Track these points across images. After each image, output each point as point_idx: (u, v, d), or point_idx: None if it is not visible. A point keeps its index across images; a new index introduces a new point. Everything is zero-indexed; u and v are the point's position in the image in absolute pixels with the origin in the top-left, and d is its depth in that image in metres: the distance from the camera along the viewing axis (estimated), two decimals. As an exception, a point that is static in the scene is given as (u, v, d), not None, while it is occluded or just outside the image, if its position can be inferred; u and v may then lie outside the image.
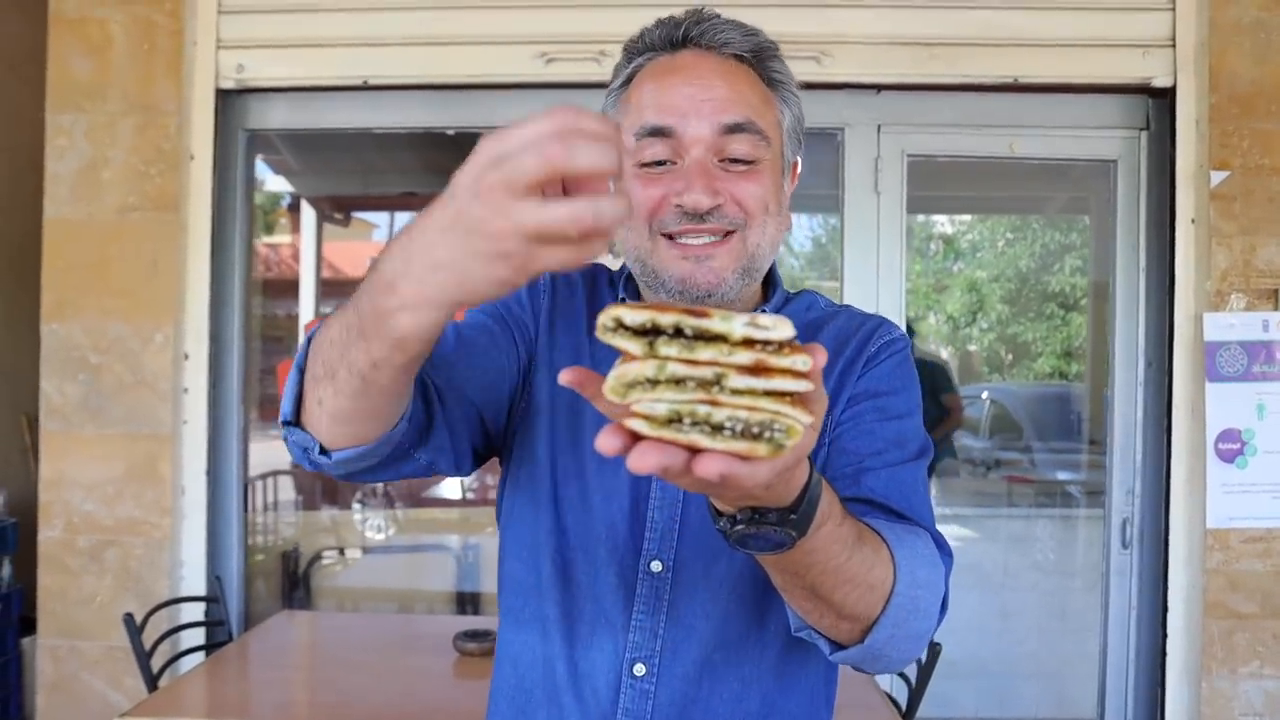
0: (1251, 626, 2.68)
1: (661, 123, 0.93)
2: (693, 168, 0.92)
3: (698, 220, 0.92)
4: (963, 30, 2.74)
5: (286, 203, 5.00)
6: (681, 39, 0.97)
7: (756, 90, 0.97)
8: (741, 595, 0.97)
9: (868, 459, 0.95)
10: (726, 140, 0.93)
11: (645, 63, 0.98)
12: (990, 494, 4.67)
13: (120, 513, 2.73)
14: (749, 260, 0.95)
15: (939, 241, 7.19)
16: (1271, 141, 2.65)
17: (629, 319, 0.54)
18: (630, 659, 0.96)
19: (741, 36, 0.97)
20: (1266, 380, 2.68)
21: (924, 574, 0.83)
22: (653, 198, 0.94)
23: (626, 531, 0.98)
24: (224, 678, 2.36)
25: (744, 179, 0.94)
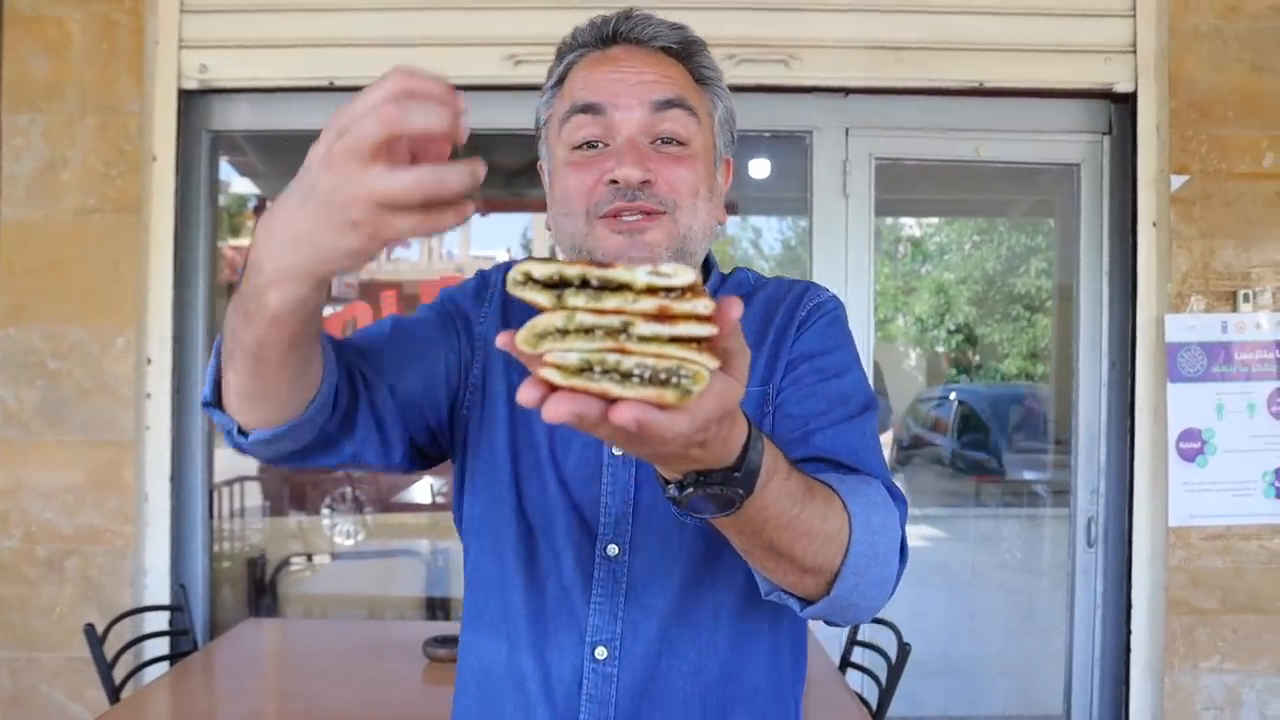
0: (1212, 622, 2.72)
1: (592, 99, 0.95)
2: (624, 144, 0.94)
3: (630, 197, 0.93)
4: (929, 34, 2.77)
5: (253, 205, 4.93)
6: (611, 35, 1.00)
7: (686, 80, 1.00)
8: (695, 568, 0.98)
9: (812, 420, 0.96)
10: (658, 119, 0.95)
11: (577, 59, 1.01)
12: (958, 494, 4.71)
13: (81, 521, 2.68)
14: (681, 241, 0.96)
15: (907, 244, 7.25)
16: (1228, 146, 2.70)
17: (537, 272, 0.55)
18: (592, 643, 0.97)
19: (669, 29, 1.00)
20: (1225, 380, 2.73)
21: (879, 520, 0.84)
22: (586, 182, 0.95)
23: (579, 518, 0.99)
24: (189, 688, 2.32)
25: (675, 162, 0.96)
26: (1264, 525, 2.72)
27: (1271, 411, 2.73)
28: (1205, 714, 2.73)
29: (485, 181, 0.94)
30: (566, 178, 0.97)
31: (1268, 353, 2.73)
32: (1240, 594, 2.72)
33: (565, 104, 0.98)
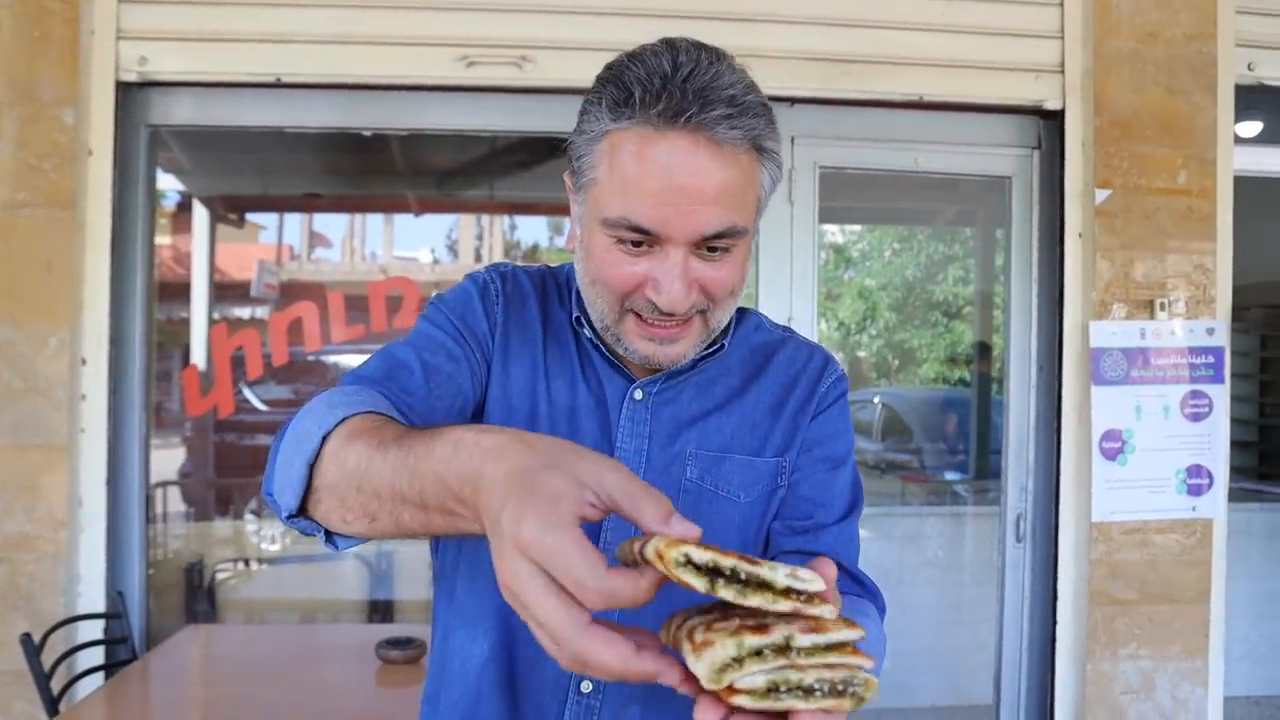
0: (1130, 612, 2.88)
1: (645, 224, 0.89)
2: (673, 270, 0.90)
3: (668, 315, 0.93)
4: (872, 49, 2.86)
5: (175, 201, 4.79)
6: (681, 116, 0.86)
7: (744, 175, 0.90)
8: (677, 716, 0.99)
9: (819, 511, 1.04)
10: (709, 241, 0.91)
11: (632, 128, 0.88)
12: (884, 494, 4.85)
13: (9, 528, 2.57)
14: (708, 335, 0.99)
15: (829, 250, 7.44)
16: (1147, 163, 2.87)
17: (696, 558, 0.58)
18: (577, 677, 0.98)
19: (744, 131, 0.88)
20: (1143, 384, 2.90)
21: (874, 630, 0.95)
22: (627, 281, 0.92)
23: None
24: (128, 698, 2.25)
25: (717, 267, 0.93)
26: (1176, 520, 2.89)
27: (1184, 413, 2.91)
28: (1123, 698, 2.89)
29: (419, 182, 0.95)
30: (605, 266, 0.93)
31: (1181, 358, 2.91)
32: (1155, 585, 2.89)
33: (615, 192, 0.90)
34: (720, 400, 1.06)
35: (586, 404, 1.03)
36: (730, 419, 1.05)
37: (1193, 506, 2.91)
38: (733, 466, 1.03)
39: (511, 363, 1.03)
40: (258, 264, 6.02)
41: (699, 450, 1.03)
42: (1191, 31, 2.88)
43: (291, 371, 4.42)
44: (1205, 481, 2.92)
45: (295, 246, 7.37)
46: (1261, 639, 4.04)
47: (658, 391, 1.04)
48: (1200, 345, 2.91)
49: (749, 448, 1.05)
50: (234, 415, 3.78)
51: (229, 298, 5.76)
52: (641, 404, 1.03)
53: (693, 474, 1.03)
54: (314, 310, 2.92)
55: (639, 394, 1.03)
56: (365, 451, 0.75)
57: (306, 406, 0.85)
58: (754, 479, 1.04)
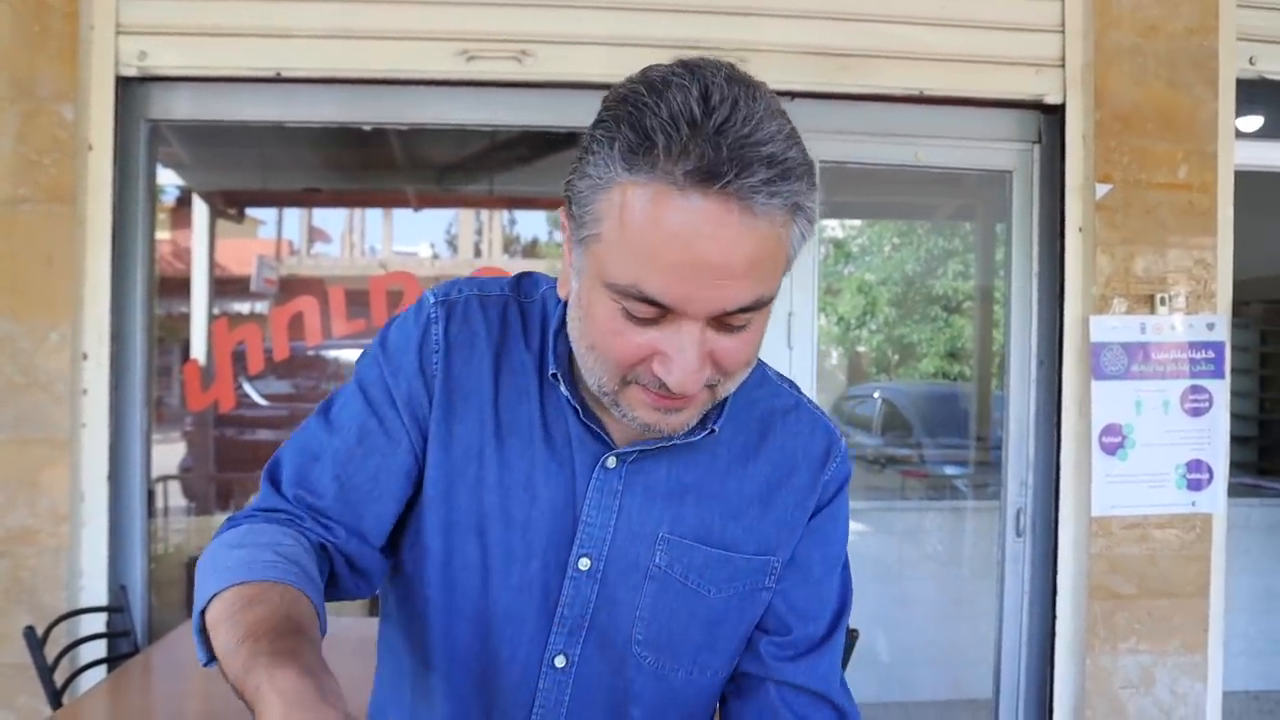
0: (1130, 606, 2.89)
1: (663, 300, 0.75)
2: (689, 349, 0.77)
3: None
4: (872, 43, 2.86)
5: (175, 197, 4.79)
6: (708, 175, 0.71)
7: (782, 244, 0.76)
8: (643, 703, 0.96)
9: (807, 625, 0.97)
10: (730, 318, 0.78)
11: (648, 183, 0.73)
12: (884, 488, 4.86)
13: (10, 522, 2.58)
14: (713, 402, 0.87)
15: (829, 245, 7.44)
16: (1148, 158, 2.87)
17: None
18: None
19: (783, 199, 0.73)
20: (1144, 379, 2.90)
21: None
22: (634, 350, 0.79)
23: (533, 627, 0.93)
24: (131, 691, 2.25)
25: (734, 339, 0.80)
26: (1176, 515, 2.90)
27: (1184, 408, 2.91)
28: (1123, 692, 2.89)
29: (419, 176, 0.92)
30: (608, 335, 0.80)
31: (1181, 353, 2.91)
32: (1155, 579, 2.89)
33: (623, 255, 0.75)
34: (702, 476, 0.93)
35: (547, 469, 0.91)
36: (711, 503, 0.93)
37: (1192, 501, 2.92)
38: (706, 559, 0.92)
39: (455, 420, 0.91)
40: (257, 259, 6.01)
41: (670, 535, 0.92)
42: (1192, 25, 2.87)
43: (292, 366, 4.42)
44: (1205, 476, 2.92)
45: (295, 241, 7.38)
46: (1261, 634, 4.05)
47: (633, 460, 0.91)
48: (1200, 340, 2.91)
49: (727, 540, 0.93)
50: (235, 410, 3.79)
51: (229, 293, 5.77)
52: (614, 471, 0.90)
53: (661, 560, 0.92)
54: (315, 305, 2.92)
55: (612, 460, 0.90)
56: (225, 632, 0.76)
57: (208, 552, 0.85)
58: (729, 575, 0.93)
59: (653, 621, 0.93)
